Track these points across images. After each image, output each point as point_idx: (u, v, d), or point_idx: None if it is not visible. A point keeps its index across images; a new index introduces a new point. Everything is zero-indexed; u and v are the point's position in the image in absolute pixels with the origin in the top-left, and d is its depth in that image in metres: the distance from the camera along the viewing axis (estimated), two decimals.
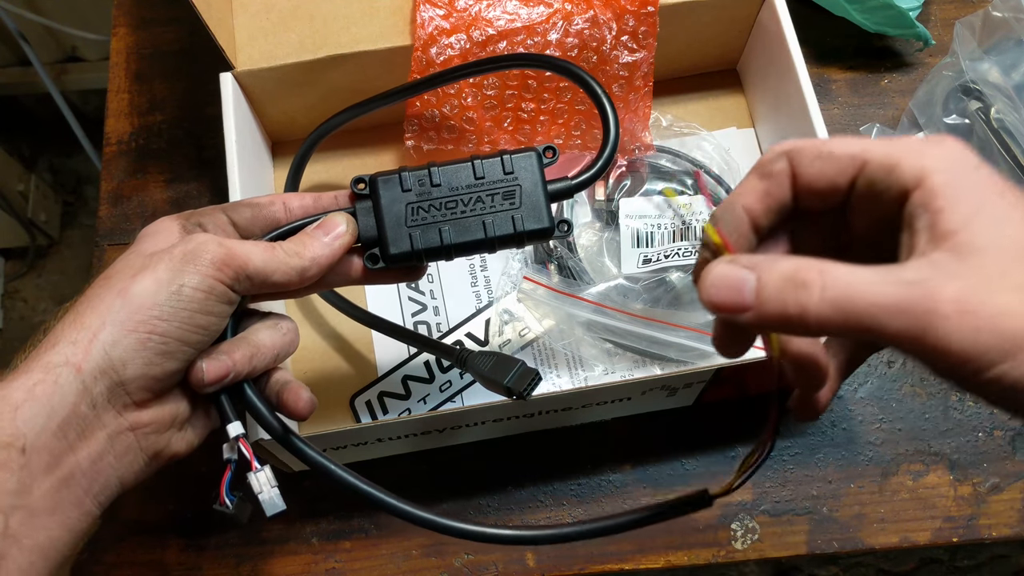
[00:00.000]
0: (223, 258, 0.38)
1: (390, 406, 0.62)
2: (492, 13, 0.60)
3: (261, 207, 0.44)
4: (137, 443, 0.38)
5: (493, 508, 0.61)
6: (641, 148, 0.65)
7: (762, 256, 0.31)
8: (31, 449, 0.34)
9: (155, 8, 0.76)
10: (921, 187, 0.29)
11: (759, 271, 0.29)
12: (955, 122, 0.58)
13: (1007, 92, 0.56)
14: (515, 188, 0.45)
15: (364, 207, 0.45)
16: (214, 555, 0.60)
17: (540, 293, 0.61)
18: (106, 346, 0.36)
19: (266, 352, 0.41)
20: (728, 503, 0.60)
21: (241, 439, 0.40)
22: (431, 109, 0.62)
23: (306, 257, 0.41)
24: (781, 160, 0.33)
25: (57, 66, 1.41)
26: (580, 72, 0.51)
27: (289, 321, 0.44)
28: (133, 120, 0.73)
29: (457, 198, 0.45)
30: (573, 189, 0.47)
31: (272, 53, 0.62)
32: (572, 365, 0.63)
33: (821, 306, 0.28)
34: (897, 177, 0.30)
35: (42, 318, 1.51)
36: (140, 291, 0.37)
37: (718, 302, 0.30)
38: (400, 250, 0.44)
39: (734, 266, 0.30)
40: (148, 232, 0.42)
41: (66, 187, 1.58)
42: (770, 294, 0.29)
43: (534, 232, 0.45)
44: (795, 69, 0.60)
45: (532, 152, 0.46)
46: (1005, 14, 0.59)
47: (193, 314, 0.38)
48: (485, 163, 0.45)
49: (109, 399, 0.37)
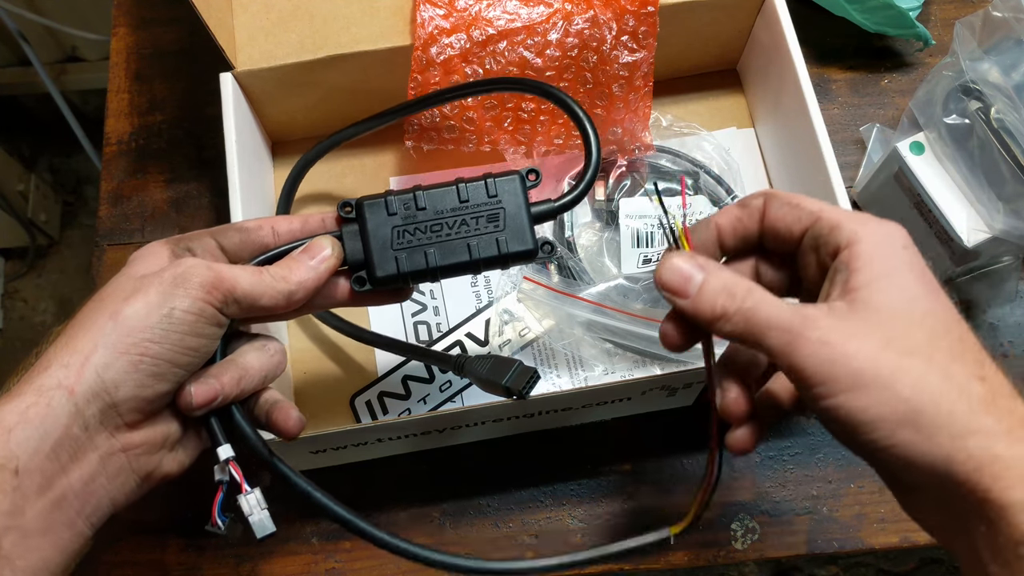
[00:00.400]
0: (212, 281, 0.39)
1: (390, 406, 0.62)
2: (492, 13, 0.60)
3: (249, 232, 0.45)
4: (129, 464, 0.39)
5: (493, 508, 0.61)
6: (641, 148, 0.65)
7: (715, 263, 0.38)
8: (24, 471, 0.35)
9: (155, 8, 0.76)
10: (848, 248, 0.36)
11: (707, 272, 0.37)
12: (955, 122, 0.58)
13: (1007, 92, 0.56)
14: (499, 211, 0.46)
15: (351, 230, 0.46)
16: (214, 555, 0.60)
17: (540, 293, 0.61)
18: (98, 368, 0.36)
19: (254, 374, 0.42)
20: (728, 503, 0.60)
21: (231, 462, 0.40)
22: (431, 109, 0.62)
23: (292, 281, 0.42)
24: (759, 198, 0.40)
25: (57, 66, 1.41)
26: (560, 95, 0.52)
27: (276, 343, 0.44)
28: (133, 120, 0.73)
29: (442, 221, 0.46)
30: (556, 211, 0.48)
31: (272, 53, 0.62)
32: (572, 365, 0.63)
33: (736, 315, 0.36)
34: (835, 236, 0.36)
35: (42, 318, 1.51)
36: (131, 314, 0.37)
37: (667, 283, 0.38)
38: (386, 273, 0.45)
39: (692, 262, 0.38)
40: (138, 256, 0.42)
41: (66, 187, 1.58)
42: (707, 293, 0.37)
43: (518, 254, 0.46)
44: (795, 69, 0.60)
45: (515, 175, 0.47)
46: (1005, 14, 0.58)
47: (184, 336, 0.38)
48: (469, 187, 0.46)
49: (101, 421, 0.37)
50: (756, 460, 0.62)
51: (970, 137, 0.57)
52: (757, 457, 0.62)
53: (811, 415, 0.40)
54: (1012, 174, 0.56)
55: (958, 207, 0.58)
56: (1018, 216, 0.56)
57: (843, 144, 0.70)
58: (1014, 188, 0.56)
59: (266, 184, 0.67)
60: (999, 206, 0.57)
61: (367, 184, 0.69)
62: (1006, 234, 0.57)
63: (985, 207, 0.57)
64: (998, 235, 0.57)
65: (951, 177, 0.59)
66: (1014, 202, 0.56)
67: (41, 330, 1.50)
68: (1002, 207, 0.57)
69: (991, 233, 0.57)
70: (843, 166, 0.59)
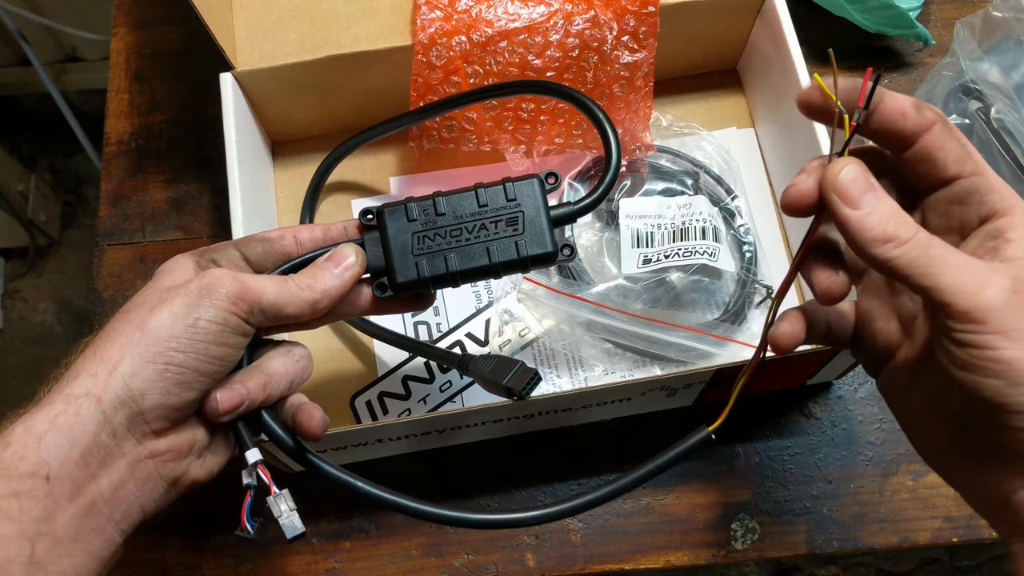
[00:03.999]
0: (237, 292, 0.40)
1: (390, 406, 0.62)
2: (492, 14, 0.60)
3: (272, 242, 0.45)
4: (156, 471, 0.39)
5: (493, 508, 0.61)
6: (641, 148, 0.65)
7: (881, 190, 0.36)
8: (55, 478, 0.35)
9: (155, 8, 0.76)
10: (1006, 217, 0.36)
11: (882, 192, 0.36)
12: (955, 122, 0.58)
13: (1007, 92, 0.56)
14: (518, 214, 0.46)
15: (372, 238, 0.46)
16: (214, 555, 0.60)
17: (540, 293, 0.61)
18: (125, 377, 0.37)
19: (280, 380, 0.42)
20: (728, 503, 0.60)
21: (259, 465, 0.41)
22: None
23: (317, 289, 0.43)
24: (934, 113, 0.37)
25: (57, 66, 1.41)
26: (581, 97, 0.52)
27: (302, 348, 0.45)
28: (133, 120, 0.73)
29: (461, 226, 0.46)
30: (576, 214, 0.47)
31: (272, 53, 0.62)
32: (572, 365, 0.63)
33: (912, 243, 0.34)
34: (992, 199, 0.36)
35: (42, 318, 1.51)
36: (157, 324, 0.38)
37: (841, 187, 0.36)
38: (407, 278, 0.45)
39: (868, 176, 0.36)
40: (164, 269, 0.43)
41: (66, 187, 1.58)
42: (882, 210, 0.35)
43: (538, 257, 0.46)
44: (795, 69, 0.60)
45: (534, 179, 0.46)
46: (1005, 14, 0.59)
47: (209, 345, 0.39)
48: (488, 191, 0.46)
49: (129, 428, 0.38)
50: (756, 460, 0.62)
51: (970, 137, 0.57)
52: (757, 457, 0.62)
53: None
54: (1012, 174, 0.56)
55: None
56: None
57: None
58: (1014, 188, 0.56)
59: (266, 184, 0.67)
60: None
61: (367, 184, 0.69)
62: None
63: None
64: None
65: None
66: None
67: (41, 330, 1.50)
68: None
69: None
70: None
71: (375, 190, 0.68)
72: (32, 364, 1.46)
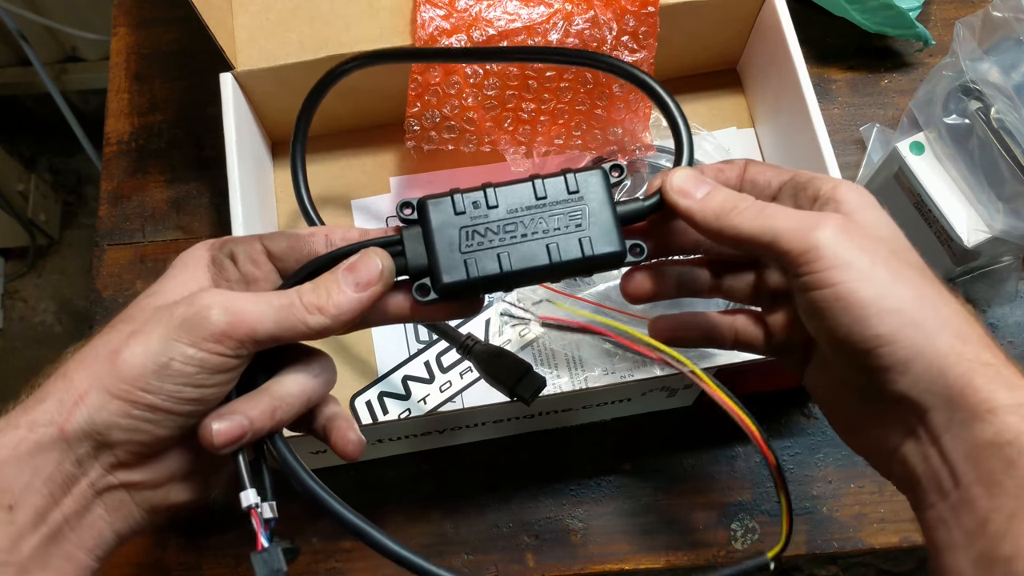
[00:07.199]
0: (224, 329, 0.36)
1: (390, 406, 0.62)
2: (492, 13, 0.60)
3: (300, 239, 0.41)
4: (131, 498, 0.37)
5: (493, 508, 0.61)
6: (641, 148, 0.65)
7: None
8: (17, 507, 0.34)
9: (155, 8, 0.76)
10: (833, 189, 0.39)
11: (714, 184, 0.40)
12: (955, 122, 0.58)
13: (1007, 92, 0.56)
14: (581, 209, 0.40)
15: (412, 233, 0.40)
16: (214, 555, 0.60)
17: (540, 293, 0.61)
18: (91, 410, 0.35)
19: (293, 402, 0.39)
20: (728, 503, 0.61)
21: (252, 510, 0.37)
22: (431, 110, 0.62)
23: (329, 313, 0.37)
24: (740, 159, 0.44)
25: (57, 66, 1.41)
26: (643, 76, 0.49)
27: (323, 358, 0.41)
28: (133, 120, 0.73)
29: (517, 220, 0.40)
30: (646, 211, 0.42)
31: (272, 53, 0.62)
32: (572, 365, 0.63)
33: (750, 206, 0.38)
34: (815, 183, 0.40)
35: (42, 318, 1.51)
36: (129, 358, 0.35)
37: (676, 185, 0.40)
38: (454, 279, 0.39)
39: (700, 175, 0.41)
40: (179, 263, 0.40)
41: (66, 187, 1.58)
42: (717, 195, 0.40)
43: (605, 256, 0.40)
44: (795, 69, 0.60)
45: (599, 170, 0.41)
46: (1005, 14, 0.58)
47: (182, 387, 0.36)
48: (547, 182, 0.41)
49: (96, 457, 0.36)
50: (756, 460, 0.62)
51: (970, 137, 0.57)
52: (757, 457, 0.62)
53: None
54: (1012, 174, 0.56)
55: (958, 207, 0.58)
56: (1018, 216, 0.56)
57: (843, 144, 0.70)
58: (1014, 188, 0.56)
59: (266, 184, 0.67)
60: (999, 206, 0.57)
61: (367, 184, 0.69)
62: (1006, 234, 0.57)
63: (985, 207, 0.57)
64: (998, 235, 0.57)
65: (951, 177, 0.59)
66: (1014, 202, 0.56)
67: (41, 330, 1.50)
68: (1002, 207, 0.57)
69: (991, 233, 0.57)
70: (843, 166, 0.59)
71: (375, 190, 0.68)
72: (32, 364, 1.46)
